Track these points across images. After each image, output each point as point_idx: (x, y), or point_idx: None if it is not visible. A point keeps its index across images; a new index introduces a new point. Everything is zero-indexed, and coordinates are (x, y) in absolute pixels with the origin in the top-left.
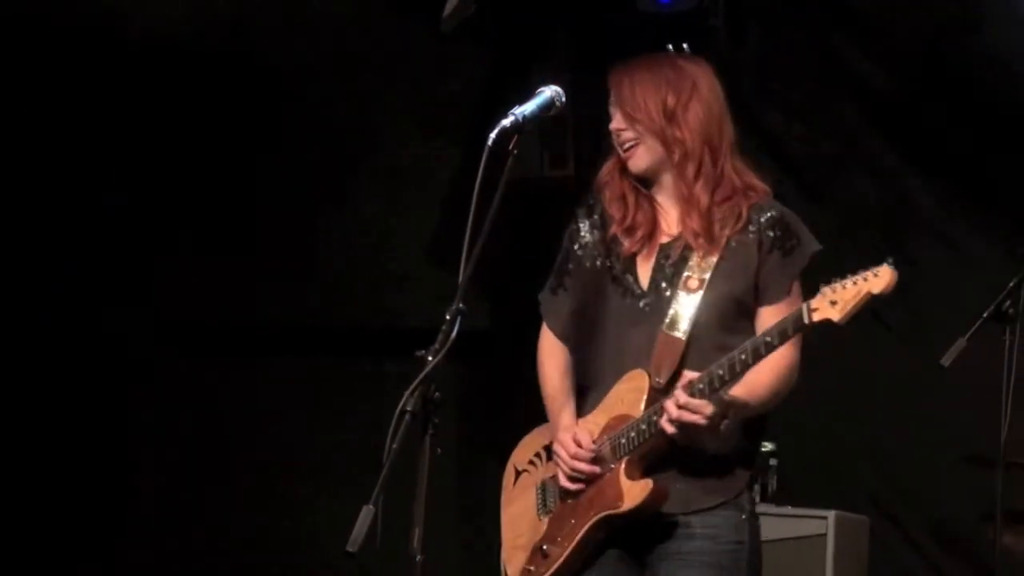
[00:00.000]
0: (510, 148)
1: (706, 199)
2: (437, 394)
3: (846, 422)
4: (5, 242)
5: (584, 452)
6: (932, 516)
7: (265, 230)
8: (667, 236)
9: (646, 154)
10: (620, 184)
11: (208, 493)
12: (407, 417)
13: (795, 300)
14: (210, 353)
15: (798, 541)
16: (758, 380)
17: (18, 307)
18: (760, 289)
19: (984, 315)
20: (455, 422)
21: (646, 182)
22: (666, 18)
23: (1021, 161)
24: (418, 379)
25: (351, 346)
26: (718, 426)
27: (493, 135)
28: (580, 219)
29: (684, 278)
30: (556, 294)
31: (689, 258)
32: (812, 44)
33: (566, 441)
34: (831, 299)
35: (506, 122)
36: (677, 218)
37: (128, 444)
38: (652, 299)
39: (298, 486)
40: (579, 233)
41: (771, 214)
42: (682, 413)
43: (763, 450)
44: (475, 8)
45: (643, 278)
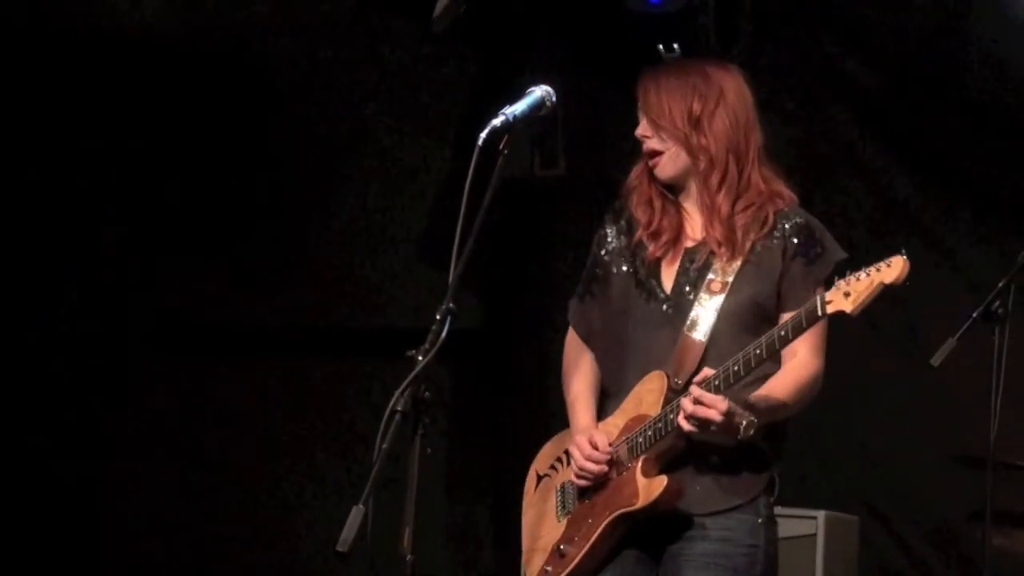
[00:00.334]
0: (500, 148)
1: (727, 207)
2: (427, 394)
3: (836, 422)
4: None
5: (599, 455)
6: (922, 516)
7: (255, 231)
8: (692, 241)
9: (671, 162)
10: (648, 189)
11: (198, 493)
12: (397, 417)
13: None
14: (200, 354)
15: (788, 541)
16: (779, 385)
17: (10, 308)
18: (782, 295)
19: (973, 315)
20: (445, 422)
21: (672, 188)
22: (656, 18)
23: (1011, 162)
24: (408, 379)
25: (341, 346)
26: (737, 426)
27: (483, 135)
28: (607, 225)
29: (707, 282)
30: (583, 300)
31: (713, 263)
32: (802, 44)
33: (581, 442)
34: (845, 291)
35: (496, 122)
36: (702, 224)
37: (120, 444)
38: (675, 303)
39: (288, 486)
40: (606, 239)
41: (797, 221)
42: (697, 409)
43: None
44: (465, 8)
45: (667, 282)
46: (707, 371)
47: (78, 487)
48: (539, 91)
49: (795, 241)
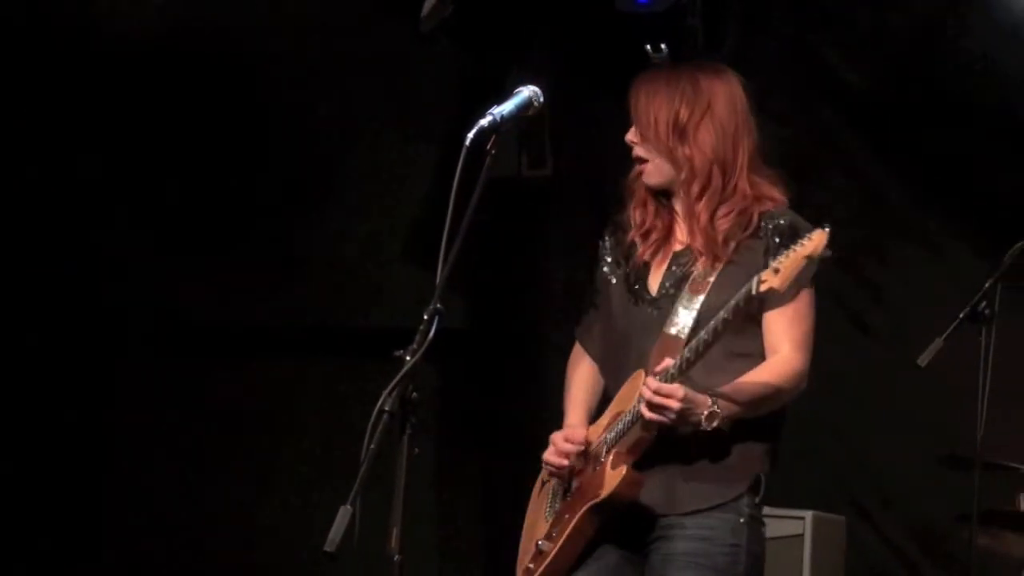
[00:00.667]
0: (488, 148)
1: (706, 216)
2: (415, 394)
3: (823, 422)
4: None
5: (570, 447)
6: (909, 516)
7: (245, 231)
8: (680, 244)
9: (656, 171)
10: (643, 190)
11: (189, 493)
12: (385, 417)
13: (803, 308)
14: (190, 354)
15: (775, 541)
16: (751, 378)
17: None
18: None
19: (960, 316)
20: (433, 422)
21: (663, 192)
22: (644, 18)
23: (999, 162)
24: (396, 379)
25: (329, 346)
26: (698, 416)
27: (471, 135)
28: (606, 236)
29: (690, 282)
30: (587, 312)
31: (697, 266)
32: (790, 44)
33: (555, 438)
34: (775, 268)
35: (484, 122)
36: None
37: (112, 444)
38: (660, 304)
39: (276, 486)
40: (605, 250)
41: (780, 221)
42: (654, 396)
43: None
44: (453, 8)
45: (653, 285)
46: (667, 361)
47: (76, 487)
48: (527, 91)
49: (776, 240)
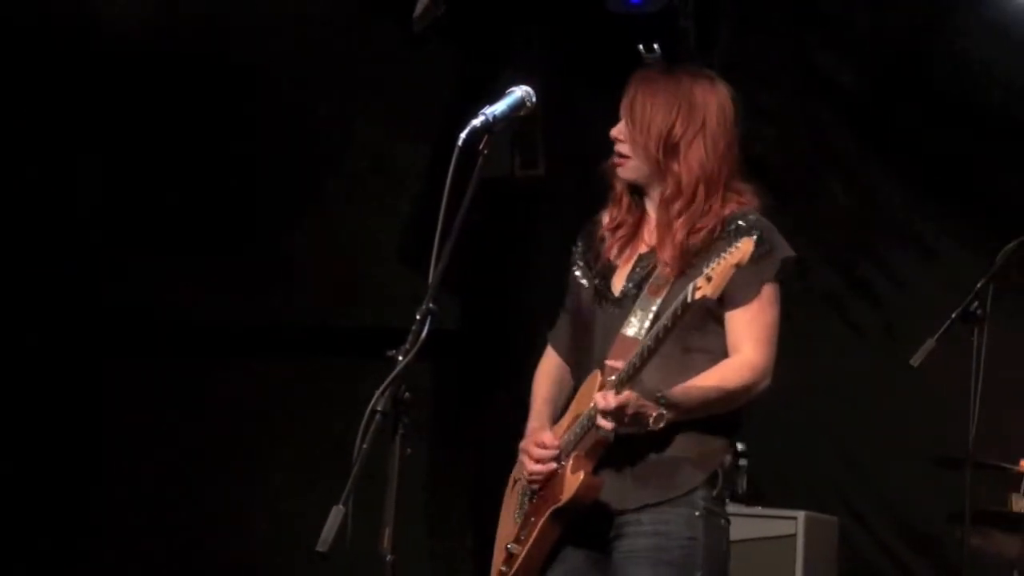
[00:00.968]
0: (480, 148)
1: (682, 234)
2: (407, 394)
3: (816, 422)
4: None
5: (547, 452)
6: (901, 516)
7: (237, 230)
8: (646, 246)
9: (633, 170)
10: (619, 185)
11: (189, 493)
12: (377, 417)
13: (764, 305)
14: (189, 354)
15: (768, 541)
16: (703, 378)
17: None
18: (726, 293)
19: (953, 316)
20: (426, 422)
21: (635, 187)
22: (636, 18)
23: (992, 162)
24: (388, 379)
25: (322, 346)
26: (647, 417)
27: (463, 135)
28: (579, 240)
29: (650, 282)
30: (560, 315)
31: (658, 265)
32: (782, 45)
33: (528, 447)
34: (708, 275)
35: (476, 122)
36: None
37: (112, 444)
38: (623, 304)
39: (269, 486)
40: (577, 254)
41: (741, 223)
42: (607, 405)
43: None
44: (445, 8)
45: (617, 285)
46: (617, 364)
47: (75, 487)
48: (519, 91)
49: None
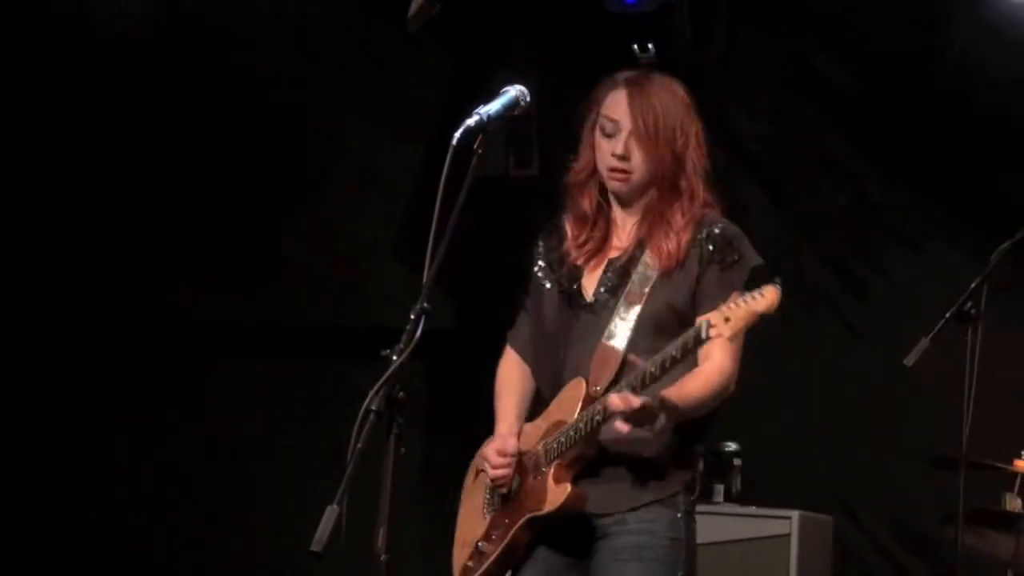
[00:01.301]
0: (475, 148)
1: (688, 234)
2: (401, 394)
3: (810, 422)
4: None
5: (504, 460)
6: (895, 516)
7: (229, 231)
8: (617, 251)
9: (633, 183)
10: (582, 199)
11: (181, 493)
12: (372, 417)
13: None
14: (189, 354)
15: (762, 541)
16: (692, 384)
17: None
18: (697, 300)
19: (947, 316)
20: (419, 422)
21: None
22: (632, 18)
23: (984, 162)
24: (382, 379)
25: (317, 346)
26: (653, 423)
27: (458, 135)
28: (540, 241)
29: (626, 292)
30: (519, 315)
31: (632, 271)
32: (777, 45)
33: (489, 453)
34: (726, 316)
35: (471, 121)
36: (631, 231)
37: (112, 444)
38: (596, 309)
39: (263, 486)
40: (540, 255)
41: (712, 230)
42: (632, 405)
43: (727, 450)
44: (440, 7)
45: (588, 289)
46: (637, 360)
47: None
48: (514, 91)
49: (711, 248)
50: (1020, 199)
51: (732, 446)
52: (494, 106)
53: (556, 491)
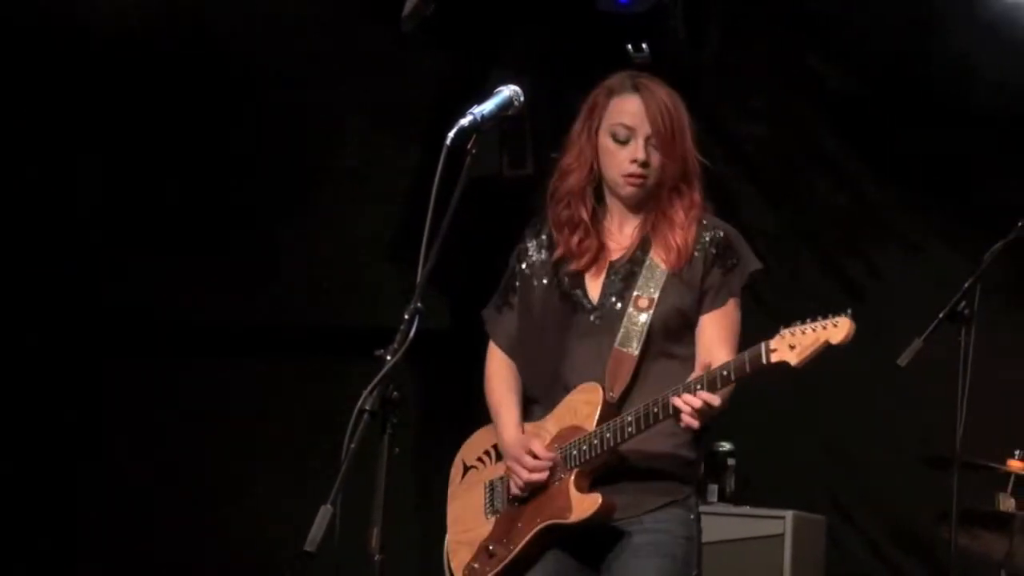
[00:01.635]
0: (468, 147)
1: (692, 232)
2: (396, 393)
3: (803, 422)
4: None
5: (541, 463)
6: (889, 516)
7: (226, 231)
8: (616, 253)
9: (648, 190)
10: (579, 206)
11: (181, 493)
12: (365, 416)
13: (728, 311)
14: (182, 354)
15: (756, 541)
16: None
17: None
18: (700, 300)
19: (940, 316)
20: (414, 421)
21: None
22: (625, 18)
23: (979, 162)
24: (376, 378)
25: (311, 346)
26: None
27: (451, 134)
28: (527, 239)
29: (635, 296)
30: (501, 312)
31: (638, 274)
32: (772, 45)
33: (520, 455)
34: (790, 343)
35: (464, 121)
36: (631, 232)
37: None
38: (603, 313)
39: (257, 485)
40: (527, 253)
41: (715, 233)
42: (714, 401)
43: (721, 450)
44: (434, 7)
45: (593, 293)
46: (708, 359)
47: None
48: (507, 91)
49: (714, 252)
50: (1016, 200)
51: (726, 446)
52: (488, 106)
53: (583, 500)
